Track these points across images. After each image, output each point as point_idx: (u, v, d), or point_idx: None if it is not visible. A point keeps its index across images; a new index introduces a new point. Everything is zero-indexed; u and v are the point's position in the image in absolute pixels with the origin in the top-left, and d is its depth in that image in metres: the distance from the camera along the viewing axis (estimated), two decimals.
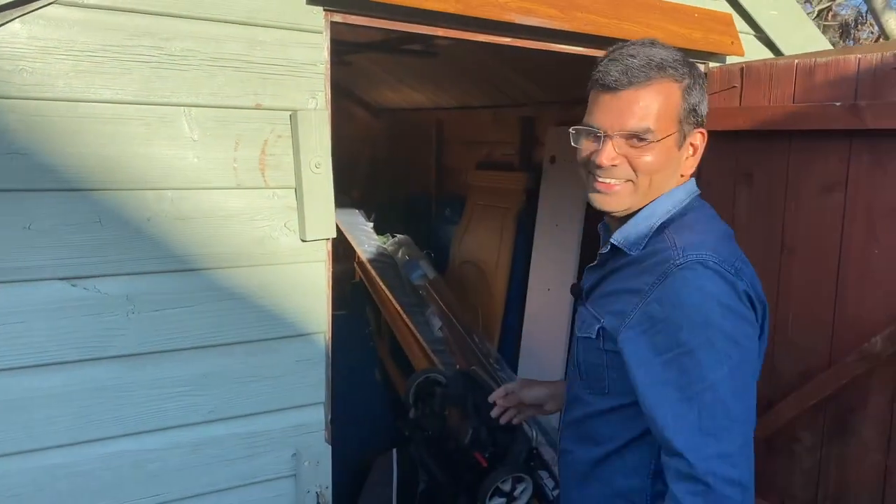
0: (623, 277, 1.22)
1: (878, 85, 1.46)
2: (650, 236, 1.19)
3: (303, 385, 1.43)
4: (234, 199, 1.32)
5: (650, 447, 1.22)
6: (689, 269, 1.12)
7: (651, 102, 1.19)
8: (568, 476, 1.35)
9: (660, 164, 1.21)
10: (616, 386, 1.22)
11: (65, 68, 1.16)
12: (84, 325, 1.22)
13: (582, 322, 1.28)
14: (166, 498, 1.33)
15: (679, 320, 1.11)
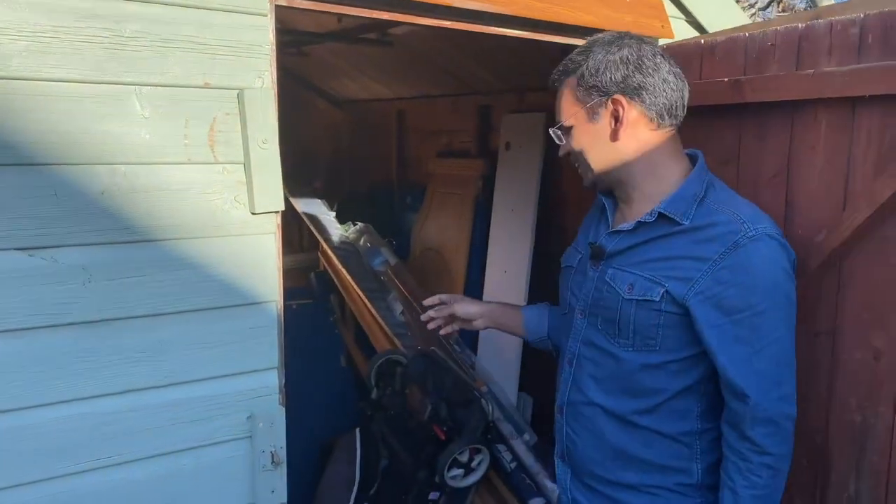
0: (676, 245, 1.38)
1: (760, 61, 1.58)
2: (695, 208, 1.38)
3: (256, 351, 1.51)
4: (186, 174, 1.39)
5: (696, 395, 1.42)
6: (759, 240, 1.32)
7: (562, 99, 1.50)
8: (597, 424, 1.47)
9: (580, 146, 1.47)
10: (668, 343, 1.38)
11: (18, 48, 1.22)
12: (42, 293, 1.28)
13: (627, 285, 1.41)
14: (125, 458, 1.40)
15: (752, 285, 1.31)
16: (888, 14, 1.35)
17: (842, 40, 1.43)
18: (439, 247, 3.79)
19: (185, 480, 1.46)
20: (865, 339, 1.44)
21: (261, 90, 1.44)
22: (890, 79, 1.33)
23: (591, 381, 1.47)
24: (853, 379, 1.47)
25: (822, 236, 1.47)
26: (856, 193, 1.43)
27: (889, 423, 1.41)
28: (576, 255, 1.59)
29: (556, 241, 3.36)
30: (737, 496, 1.33)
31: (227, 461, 1.50)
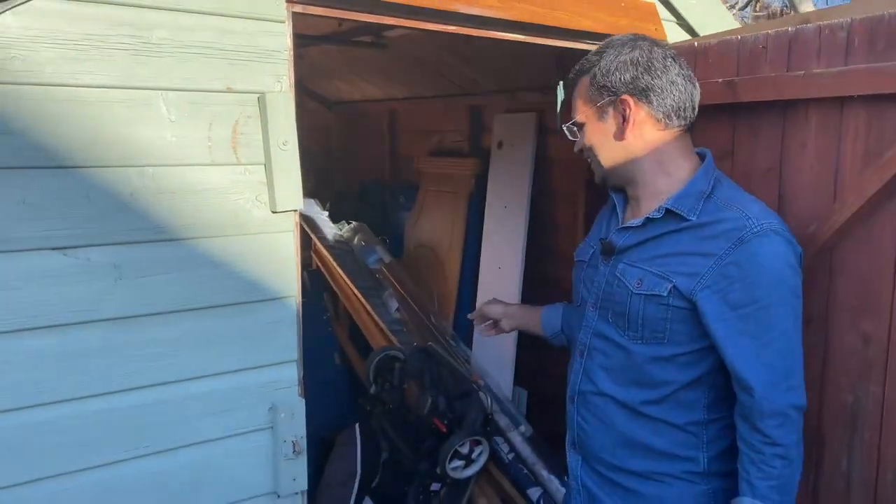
0: (684, 241, 1.44)
1: (752, 62, 1.66)
2: (702, 204, 1.43)
3: (276, 344, 1.57)
4: (209, 175, 1.45)
5: (704, 387, 1.47)
6: (764, 236, 1.36)
7: (576, 98, 1.55)
8: (608, 413, 1.54)
9: (591, 142, 1.54)
10: (676, 336, 1.44)
11: (52, 56, 1.27)
12: (75, 290, 1.34)
13: (636, 280, 1.47)
14: (154, 450, 1.46)
15: (757, 279, 1.36)
16: (873, 19, 1.44)
17: (830, 43, 1.52)
18: (433, 244, 3.85)
19: (212, 469, 1.52)
20: (855, 325, 1.53)
21: (280, 94, 1.50)
22: (875, 80, 1.41)
23: (601, 371, 1.53)
24: (844, 362, 1.56)
25: (814, 228, 1.55)
26: (845, 187, 1.51)
27: (880, 401, 1.49)
28: (588, 249, 1.65)
29: (549, 237, 3.45)
30: (753, 488, 1.38)
31: (250, 451, 1.56)
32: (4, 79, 1.24)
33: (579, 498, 1.62)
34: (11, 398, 1.30)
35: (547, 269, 3.44)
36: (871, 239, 1.49)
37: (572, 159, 3.28)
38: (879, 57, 1.43)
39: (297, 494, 1.62)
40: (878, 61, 1.43)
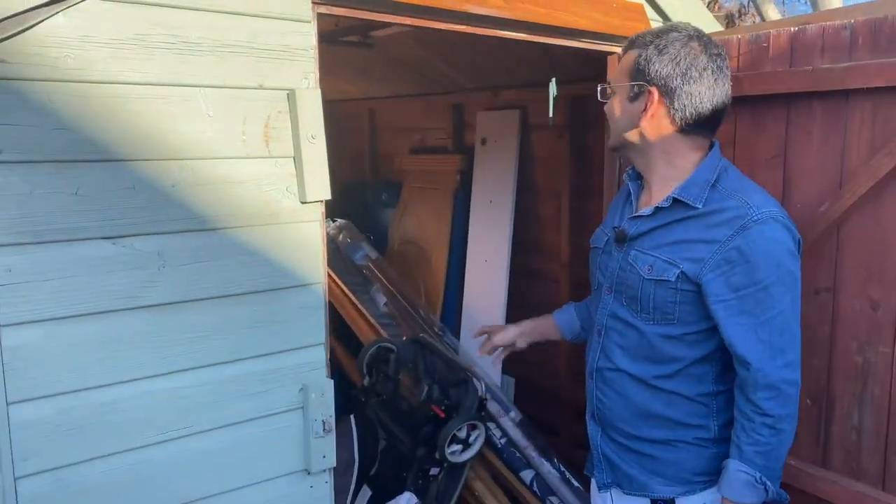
0: (691, 229, 1.54)
1: (753, 59, 1.81)
2: (707, 192, 1.53)
3: (306, 328, 1.65)
4: (244, 167, 1.53)
5: (712, 362, 1.59)
6: (764, 223, 1.47)
7: (621, 65, 1.63)
8: (624, 387, 1.66)
9: (612, 112, 1.64)
10: (684, 317, 1.55)
11: (101, 55, 1.34)
12: (123, 278, 1.40)
13: (647, 266, 1.57)
14: (196, 430, 1.53)
15: (757, 263, 1.46)
16: (876, 20, 1.61)
17: (834, 42, 1.68)
18: (419, 239, 3.95)
19: (248, 448, 1.59)
20: (864, 292, 1.68)
21: (308, 90, 1.58)
22: (882, 73, 1.58)
23: (617, 349, 1.65)
24: (854, 326, 1.71)
25: (826, 206, 1.70)
26: (853, 169, 1.67)
27: (889, 360, 1.65)
28: (603, 236, 1.76)
29: (534, 230, 3.58)
30: (740, 451, 1.51)
31: (283, 430, 1.64)
32: (58, 76, 1.30)
33: (600, 465, 1.74)
34: (64, 382, 1.36)
35: (532, 261, 3.56)
36: (879, 215, 1.65)
37: (555, 156, 3.44)
38: (883, 54, 1.60)
39: (325, 471, 1.71)
40: (881, 57, 1.59)
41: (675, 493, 1.62)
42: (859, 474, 1.73)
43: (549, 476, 3.08)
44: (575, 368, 3.51)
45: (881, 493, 1.68)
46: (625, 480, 1.68)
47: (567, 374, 3.54)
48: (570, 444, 3.51)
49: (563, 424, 3.59)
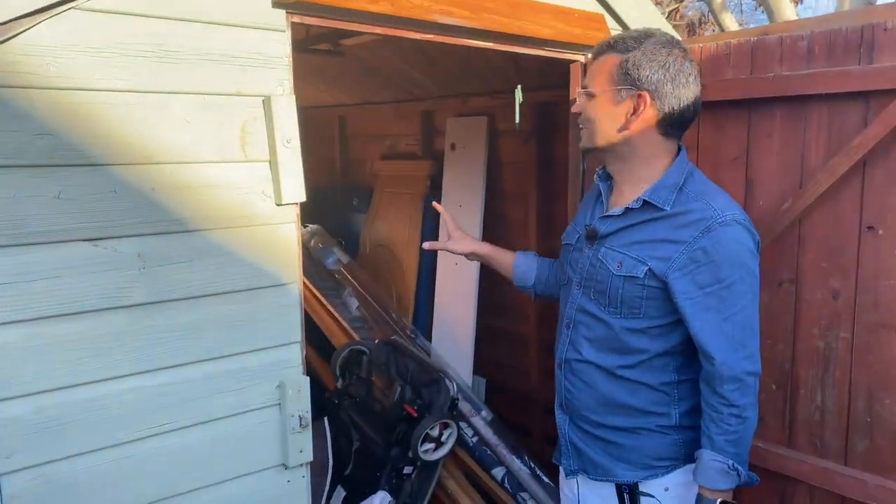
0: (659, 229, 1.63)
1: (714, 67, 1.92)
2: (675, 195, 1.62)
3: (282, 326, 1.70)
4: (221, 171, 1.58)
5: (674, 354, 1.68)
6: (728, 225, 1.57)
7: (600, 67, 1.66)
8: (591, 377, 1.74)
9: (593, 114, 1.67)
10: (650, 312, 1.64)
11: (83, 62, 1.38)
12: (104, 279, 1.45)
13: (617, 262, 1.66)
14: (174, 427, 1.57)
15: (721, 262, 1.56)
16: (831, 32, 1.73)
17: (792, 51, 1.80)
18: (390, 243, 4.01)
19: (227, 443, 1.64)
20: (825, 283, 1.80)
21: (283, 96, 1.64)
22: (837, 80, 1.70)
23: (585, 341, 1.73)
24: (816, 314, 1.83)
25: (788, 204, 1.81)
26: (813, 169, 1.78)
27: (849, 344, 1.77)
28: (574, 233, 1.84)
29: (503, 233, 3.66)
30: (712, 441, 1.59)
31: (261, 426, 1.69)
32: (41, 84, 1.34)
33: (567, 453, 1.82)
34: (47, 381, 1.40)
35: None
36: (837, 211, 1.77)
37: (523, 161, 3.54)
38: (837, 62, 1.72)
39: (302, 466, 1.76)
40: (836, 66, 1.71)
41: (639, 478, 1.70)
42: (824, 452, 1.84)
43: (520, 473, 3.15)
44: (545, 368, 3.59)
45: (845, 468, 1.80)
46: (590, 466, 1.76)
47: (537, 374, 3.63)
48: (540, 442, 3.60)
49: (533, 423, 3.67)
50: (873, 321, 1.73)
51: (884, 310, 1.71)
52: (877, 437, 1.74)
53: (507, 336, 3.70)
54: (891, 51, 1.64)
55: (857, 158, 1.69)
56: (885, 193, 1.68)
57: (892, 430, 1.72)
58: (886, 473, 1.72)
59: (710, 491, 1.61)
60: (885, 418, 1.73)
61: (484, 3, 1.98)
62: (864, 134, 1.67)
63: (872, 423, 1.75)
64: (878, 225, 1.70)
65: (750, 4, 9.95)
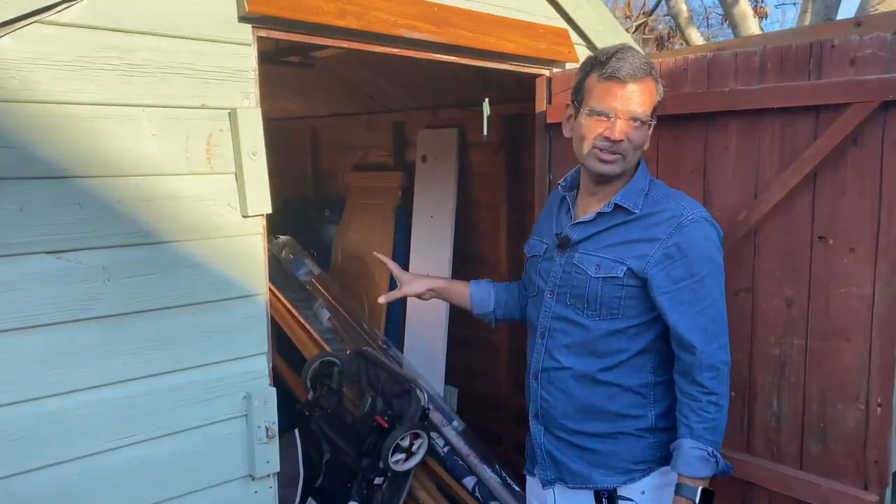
0: (632, 230, 1.69)
1: (673, 81, 1.97)
2: (642, 199, 1.68)
3: (249, 338, 1.71)
4: (187, 183, 1.59)
5: (650, 353, 1.73)
6: (697, 222, 1.65)
7: (645, 94, 1.67)
8: (568, 385, 1.77)
9: (643, 142, 1.71)
10: (629, 311, 1.69)
11: (46, 75, 1.39)
12: (69, 291, 1.45)
13: (594, 266, 1.70)
14: (140, 438, 1.57)
15: (692, 258, 1.64)
16: (782, 48, 1.78)
17: (746, 67, 1.85)
18: (362, 254, 4.02)
19: (194, 455, 1.65)
20: (780, 291, 1.85)
21: (249, 109, 1.66)
22: (789, 95, 1.76)
23: (563, 349, 1.76)
24: (771, 322, 1.88)
25: (744, 215, 1.86)
26: (767, 181, 1.84)
27: (803, 350, 1.82)
28: (541, 245, 1.87)
29: (474, 243, 3.69)
30: (691, 429, 1.63)
31: (228, 437, 1.70)
32: (4, 97, 1.35)
33: (544, 463, 1.83)
34: (10, 393, 1.40)
35: (473, 272, 3.65)
36: (790, 221, 1.82)
37: (493, 172, 3.58)
38: (789, 78, 1.77)
39: (269, 476, 1.77)
40: (787, 81, 1.77)
41: (617, 483, 1.73)
42: (780, 457, 1.89)
43: (491, 482, 3.17)
44: (517, 378, 3.62)
45: (800, 472, 1.84)
46: (568, 475, 1.78)
47: (509, 384, 3.65)
48: (512, 451, 3.62)
49: (505, 432, 3.69)
50: (825, 328, 1.78)
51: (834, 317, 1.76)
52: (829, 441, 1.79)
53: (479, 344, 3.72)
54: (838, 66, 1.70)
55: (808, 170, 1.74)
56: (834, 204, 1.74)
57: (843, 435, 1.76)
58: (839, 477, 1.77)
59: (690, 479, 1.63)
60: (837, 423, 1.77)
61: (449, 17, 2.02)
62: (814, 147, 1.73)
63: (826, 428, 1.80)
64: (828, 234, 1.75)
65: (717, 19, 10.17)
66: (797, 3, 7.45)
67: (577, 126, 1.70)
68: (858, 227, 1.71)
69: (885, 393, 1.69)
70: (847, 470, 1.77)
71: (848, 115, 1.67)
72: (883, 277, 1.67)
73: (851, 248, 1.72)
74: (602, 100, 1.65)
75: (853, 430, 1.75)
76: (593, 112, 1.65)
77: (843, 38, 1.70)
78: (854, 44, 1.68)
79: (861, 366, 1.73)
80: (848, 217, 1.72)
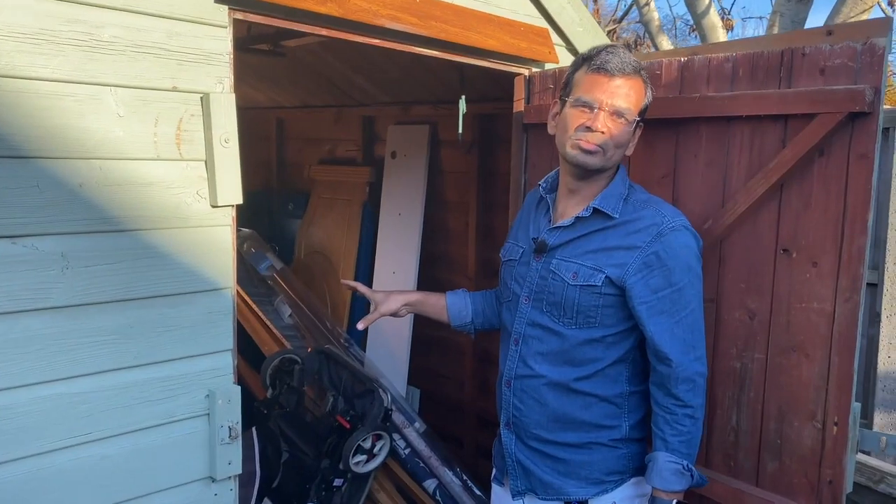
0: (611, 237, 1.65)
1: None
2: (621, 205, 1.65)
3: (214, 333, 1.64)
4: (154, 169, 1.51)
5: (626, 362, 1.69)
6: (678, 231, 1.62)
7: (632, 91, 1.64)
8: (542, 394, 1.72)
9: (624, 140, 1.66)
10: (606, 320, 1.65)
11: (7, 47, 1.30)
12: (23, 278, 1.36)
13: (571, 273, 1.65)
14: (96, 436, 1.48)
15: (672, 267, 1.60)
16: (754, 55, 1.76)
17: (718, 72, 1.82)
18: (326, 250, 3.94)
19: (152, 455, 1.56)
20: (742, 303, 1.82)
21: (222, 94, 1.59)
22: (757, 103, 1.73)
23: (537, 356, 1.71)
24: (733, 334, 1.85)
25: (709, 224, 1.84)
26: (733, 190, 1.81)
27: (763, 365, 1.79)
28: (517, 249, 1.82)
29: (442, 243, 3.65)
30: (666, 443, 1.61)
31: (188, 436, 1.61)
32: None
33: (514, 473, 1.78)
34: None
35: (440, 274, 3.63)
36: (755, 232, 1.79)
37: (464, 171, 3.54)
38: (759, 85, 1.75)
39: (231, 478, 1.69)
40: (757, 89, 1.75)
41: (589, 494, 1.70)
42: (737, 472, 1.87)
43: (452, 485, 3.13)
44: (480, 380, 3.59)
45: (755, 489, 1.82)
46: (539, 486, 1.74)
47: (472, 386, 3.62)
48: (473, 454, 3.59)
49: (467, 435, 3.66)
50: (785, 343, 1.76)
51: (795, 332, 1.74)
52: (785, 458, 1.78)
53: (443, 346, 3.68)
54: (808, 75, 1.68)
55: (774, 180, 1.72)
56: (799, 216, 1.72)
57: (799, 452, 1.75)
58: (794, 496, 1.75)
59: (665, 493, 1.61)
60: (793, 440, 1.76)
61: (432, 10, 1.97)
62: (781, 156, 1.71)
63: (782, 445, 1.78)
64: (791, 247, 1.74)
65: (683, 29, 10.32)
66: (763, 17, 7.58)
67: (561, 118, 1.68)
68: (822, 240, 1.68)
69: (841, 411, 1.67)
70: (802, 489, 1.75)
71: (815, 126, 1.65)
72: (844, 293, 1.65)
73: (814, 262, 1.70)
74: (588, 91, 1.63)
75: (809, 449, 1.73)
76: (577, 102, 1.63)
77: (814, 46, 1.68)
78: (824, 52, 1.66)
79: (819, 382, 1.71)
80: (812, 230, 1.70)
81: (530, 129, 2.32)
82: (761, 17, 8.75)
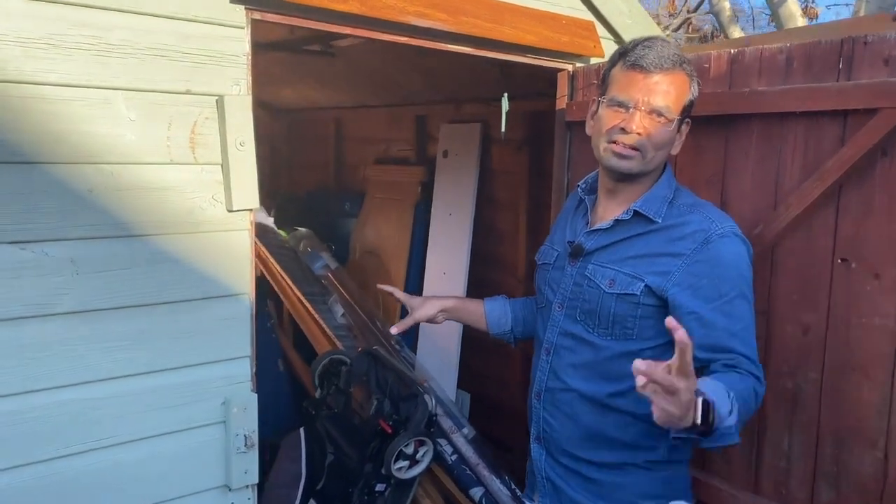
0: (654, 242, 1.52)
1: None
2: (665, 208, 1.52)
3: (230, 340, 1.61)
4: (168, 174, 1.49)
5: None
6: (727, 237, 1.49)
7: (672, 87, 1.50)
8: (573, 408, 1.61)
9: (665, 141, 1.52)
10: (644, 332, 1.52)
11: (15, 53, 1.30)
12: (34, 284, 1.35)
13: (608, 280, 1.54)
14: (108, 443, 1.48)
15: (722, 276, 1.46)
16: (810, 45, 1.60)
17: (770, 65, 1.67)
18: (379, 250, 3.91)
19: (165, 462, 1.55)
20: (796, 316, 1.67)
21: (238, 97, 1.55)
22: (813, 97, 1.58)
23: (569, 368, 1.60)
24: (786, 350, 1.69)
25: (760, 229, 1.68)
26: (786, 193, 1.66)
27: (818, 386, 1.63)
28: (552, 252, 1.72)
29: (492, 244, 3.56)
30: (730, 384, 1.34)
31: (203, 444, 1.59)
32: None
33: (544, 490, 1.69)
34: None
35: (490, 274, 3.54)
36: (810, 239, 1.64)
37: (515, 170, 3.43)
38: (815, 78, 1.59)
39: (247, 487, 1.66)
40: (814, 82, 1.59)
41: None
42: (789, 500, 1.71)
43: (499, 494, 3.03)
44: (527, 382, 3.48)
45: None
46: None
47: (522, 390, 3.51)
48: (523, 462, 3.48)
49: (517, 440, 3.56)
50: (843, 362, 1.59)
51: (853, 350, 1.57)
52: (842, 487, 1.61)
53: (493, 349, 3.59)
54: (870, 66, 1.51)
55: (831, 182, 1.56)
56: (860, 223, 1.55)
57: (859, 483, 1.58)
58: None
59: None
60: (852, 468, 1.59)
61: (463, 5, 1.89)
62: (838, 156, 1.55)
63: (838, 473, 1.61)
64: (851, 257, 1.57)
65: (765, 20, 9.82)
66: (850, 3, 7.12)
67: (597, 119, 1.56)
68: (885, 249, 1.51)
69: None
70: None
71: (877, 122, 1.48)
72: None
73: (876, 274, 1.53)
74: (623, 89, 1.50)
75: (870, 478, 1.56)
76: (612, 102, 1.51)
77: (877, 34, 1.50)
78: (889, 41, 1.48)
79: (881, 406, 1.53)
80: (873, 238, 1.53)
81: (573, 126, 2.20)
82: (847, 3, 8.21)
